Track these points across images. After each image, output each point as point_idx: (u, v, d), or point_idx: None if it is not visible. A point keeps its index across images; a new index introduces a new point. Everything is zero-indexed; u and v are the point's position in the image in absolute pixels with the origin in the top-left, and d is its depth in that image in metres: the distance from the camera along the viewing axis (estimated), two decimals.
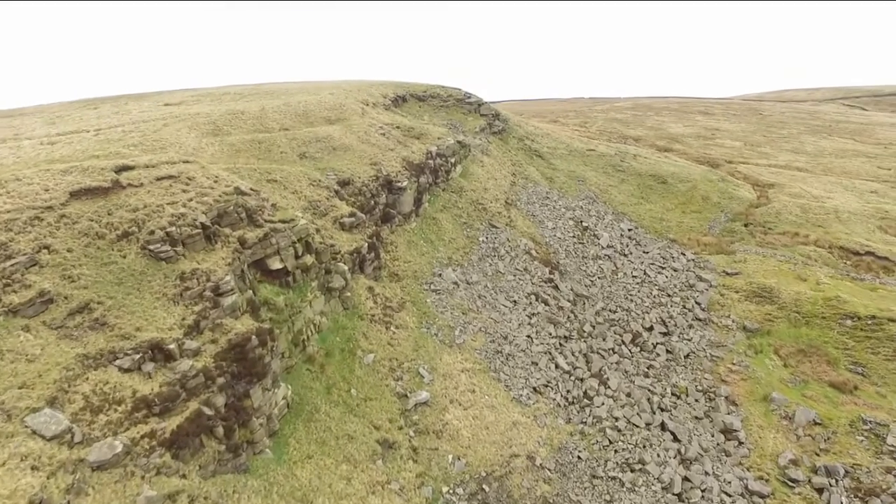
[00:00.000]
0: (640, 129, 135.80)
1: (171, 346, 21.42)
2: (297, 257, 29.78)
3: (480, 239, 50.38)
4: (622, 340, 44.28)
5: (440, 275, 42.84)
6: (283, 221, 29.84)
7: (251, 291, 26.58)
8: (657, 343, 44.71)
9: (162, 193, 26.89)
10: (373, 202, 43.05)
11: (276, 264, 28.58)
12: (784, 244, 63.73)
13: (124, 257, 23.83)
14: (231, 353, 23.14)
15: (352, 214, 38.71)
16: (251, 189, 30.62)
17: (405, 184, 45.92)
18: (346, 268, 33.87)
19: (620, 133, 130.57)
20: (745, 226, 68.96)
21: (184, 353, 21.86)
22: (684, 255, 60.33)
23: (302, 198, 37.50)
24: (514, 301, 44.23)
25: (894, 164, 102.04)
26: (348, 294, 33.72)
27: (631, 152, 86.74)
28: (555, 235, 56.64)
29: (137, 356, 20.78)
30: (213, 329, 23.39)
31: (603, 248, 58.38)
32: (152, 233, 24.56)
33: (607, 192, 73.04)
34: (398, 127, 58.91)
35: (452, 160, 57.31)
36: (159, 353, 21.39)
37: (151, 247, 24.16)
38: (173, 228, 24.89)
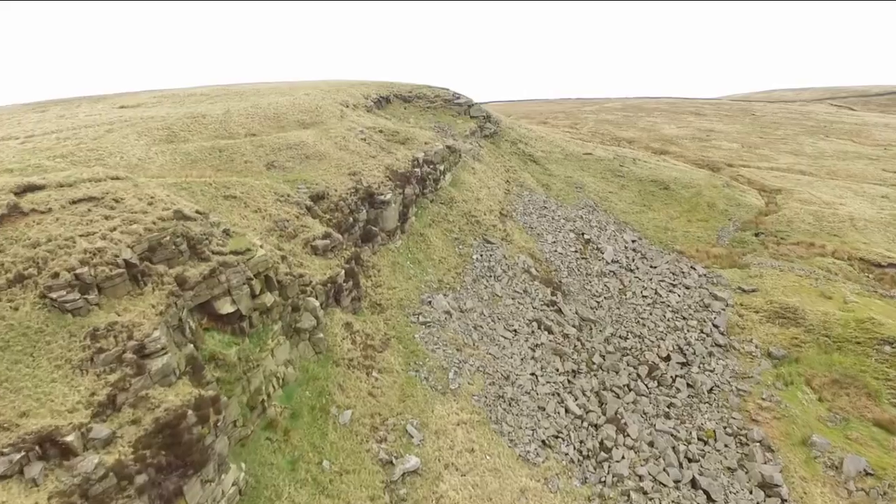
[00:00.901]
0: (632, 131, 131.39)
1: (70, 438, 15.68)
2: (254, 296, 24.05)
3: (474, 257, 44.86)
4: (637, 374, 38.96)
5: (430, 302, 37.21)
6: (238, 252, 24.08)
7: (192, 346, 20.81)
8: (676, 376, 39.44)
9: (75, 222, 21.01)
10: (351, 219, 37.35)
11: (226, 307, 22.83)
12: (800, 256, 58.92)
13: (15, 310, 18.03)
14: (158, 438, 17.42)
15: (326, 235, 32.99)
16: (197, 212, 24.81)
17: (389, 196, 40.29)
18: (317, 303, 28.16)
19: (612, 135, 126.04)
20: (756, 235, 64.11)
21: (89, 446, 16.15)
22: (695, 269, 55.23)
23: (266, 217, 31.71)
24: (515, 330, 38.73)
25: None
26: (320, 335, 27.98)
27: (630, 156, 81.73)
28: (555, 250, 51.26)
29: (18, 455, 15.05)
30: (135, 405, 17.65)
31: (607, 262, 53.11)
32: (56, 276, 18.70)
33: (607, 200, 67.87)
34: (381, 131, 53.24)
35: (441, 168, 51.77)
36: (52, 448, 15.66)
37: (54, 295, 18.34)
38: (86, 269, 19.03)
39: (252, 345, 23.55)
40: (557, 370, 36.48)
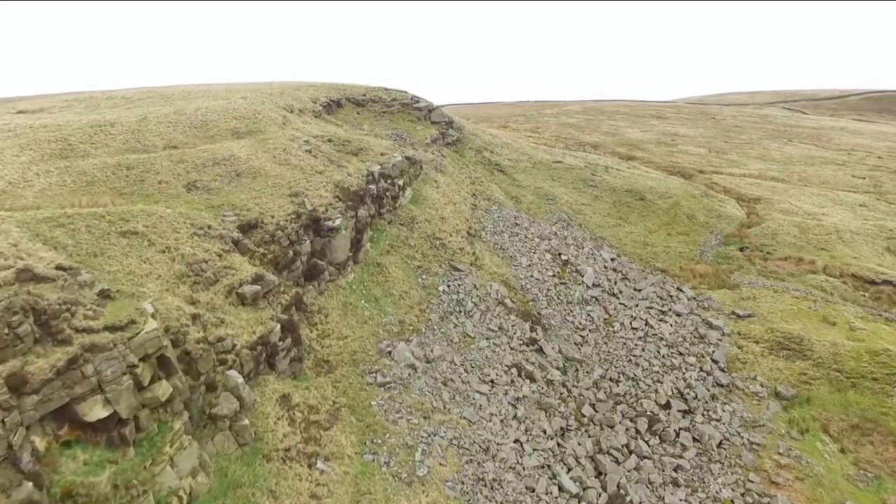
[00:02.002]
0: (596, 135, 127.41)
1: None
2: (141, 388, 17.05)
3: (441, 288, 38.40)
4: (636, 430, 33.10)
5: (390, 352, 30.55)
6: (116, 327, 17.00)
7: (33, 482, 13.75)
8: (681, 429, 33.77)
9: None
10: (292, 252, 30.35)
11: (96, 411, 15.79)
12: (790, 273, 54.54)
13: None
14: None
15: (257, 278, 26.02)
16: (59, 268, 17.64)
17: (338, 222, 33.44)
18: (240, 379, 21.20)
19: (576, 139, 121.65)
20: (741, 250, 59.59)
21: None
22: (682, 291, 50.06)
23: (177, 259, 24.53)
24: (492, 381, 32.42)
25: (867, 172, 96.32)
26: (245, 422, 20.98)
27: (601, 164, 76.61)
28: (531, 275, 45.22)
29: None
30: None
31: (588, 287, 47.37)
32: None
33: (581, 213, 62.37)
34: (330, 140, 46.30)
35: (400, 182, 45.15)
36: None
37: None
38: None
39: (139, 458, 16.53)
40: (545, 432, 30.31)
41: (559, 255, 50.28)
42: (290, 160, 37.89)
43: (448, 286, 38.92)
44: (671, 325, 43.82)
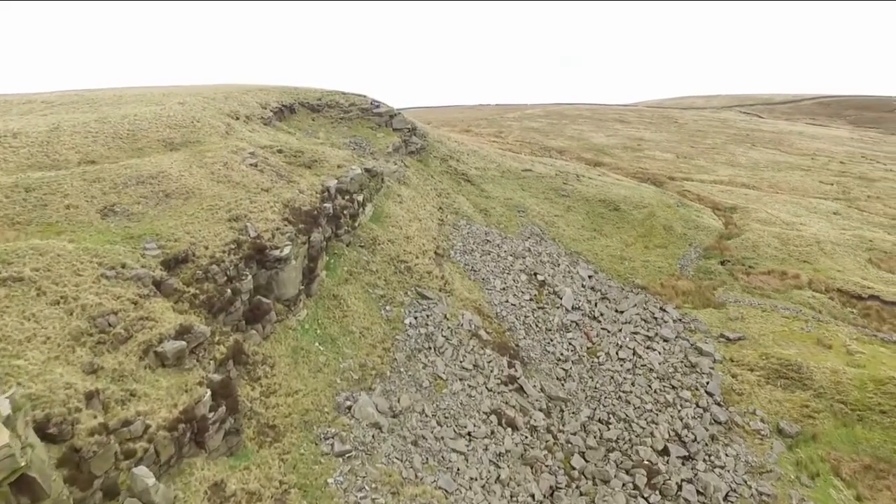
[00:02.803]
0: (560, 140, 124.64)
1: None
2: None
3: (407, 321, 33.75)
4: (634, 484, 29.01)
5: (349, 407, 25.73)
6: None
7: None
8: (683, 480, 29.83)
9: None
10: (230, 291, 25.25)
11: None
12: (775, 288, 51.73)
13: None
14: None
15: (183, 331, 20.92)
16: None
17: (287, 250, 28.46)
18: (150, 481, 16.10)
19: (541, 144, 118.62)
20: (722, 264, 56.61)
21: None
22: (666, 311, 46.60)
23: (75, 312, 19.28)
24: (469, 434, 27.94)
25: (833, 178, 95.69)
26: None
27: (572, 172, 73.04)
28: (506, 300, 40.96)
29: None
30: None
31: (568, 310, 43.40)
32: None
33: (554, 226, 58.52)
34: (281, 151, 41.19)
35: (360, 198, 40.32)
36: None
37: None
38: None
39: None
40: (533, 496, 25.99)
41: (535, 274, 46.18)
42: (231, 176, 32.69)
43: (415, 318, 34.30)
44: (659, 353, 40.11)
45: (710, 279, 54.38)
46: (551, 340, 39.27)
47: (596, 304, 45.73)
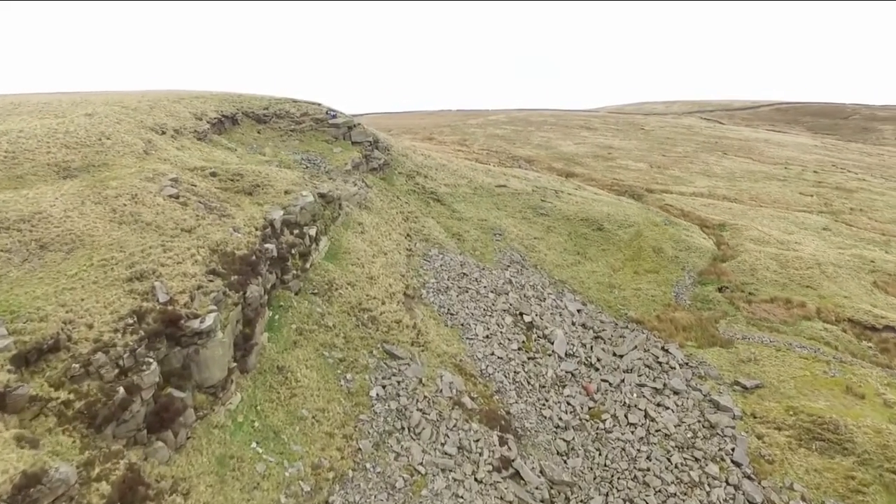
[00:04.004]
0: (528, 148, 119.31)
1: None
2: None
3: (373, 393, 26.67)
4: None
5: None
6: None
7: None
8: None
9: None
10: (122, 390, 17.69)
11: None
12: (783, 320, 46.55)
13: None
14: None
15: (28, 482, 13.45)
16: None
17: (211, 319, 21.00)
18: None
19: (508, 152, 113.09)
20: (720, 290, 51.22)
21: None
22: (668, 352, 40.76)
23: None
24: None
25: (811, 188, 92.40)
26: None
27: (550, 187, 66.95)
28: (491, 353, 34.22)
29: None
30: None
31: (561, 358, 37.03)
32: None
33: (535, 250, 52.23)
34: (214, 174, 33.64)
35: (312, 232, 33.07)
36: None
37: None
38: None
39: None
40: None
41: (520, 314, 39.62)
42: (140, 214, 25.07)
43: (383, 387, 27.26)
44: (673, 412, 33.98)
45: (709, 309, 48.87)
46: (546, 401, 32.70)
47: (591, 348, 39.48)
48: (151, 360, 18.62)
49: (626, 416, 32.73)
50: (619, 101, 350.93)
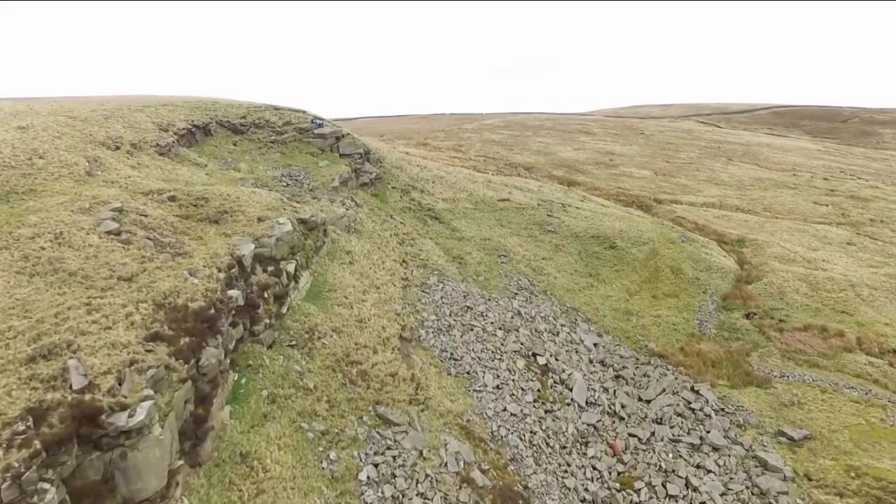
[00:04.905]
0: (526, 154, 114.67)
1: None
2: None
3: (363, 476, 21.40)
4: None
5: None
6: None
7: None
8: None
9: None
10: None
11: None
12: (821, 352, 41.75)
13: None
14: None
15: None
16: None
17: (143, 412, 15.57)
18: None
19: (506, 159, 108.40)
20: (748, 317, 46.36)
21: None
22: (699, 393, 35.83)
23: None
24: None
25: (825, 198, 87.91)
26: None
27: (557, 201, 61.91)
28: (503, 409, 29.01)
29: None
30: None
31: (582, 408, 31.95)
32: None
33: (544, 273, 47.21)
34: (174, 198, 28.35)
35: (291, 267, 27.83)
36: None
37: None
38: None
39: None
40: None
41: (533, 356, 34.49)
42: (63, 261, 19.71)
43: (376, 466, 22.02)
44: (715, 476, 28.90)
45: (737, 339, 44.02)
46: (569, 466, 27.56)
47: (615, 393, 34.43)
48: (48, 487, 13.28)
49: (663, 486, 27.60)
50: (614, 104, 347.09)
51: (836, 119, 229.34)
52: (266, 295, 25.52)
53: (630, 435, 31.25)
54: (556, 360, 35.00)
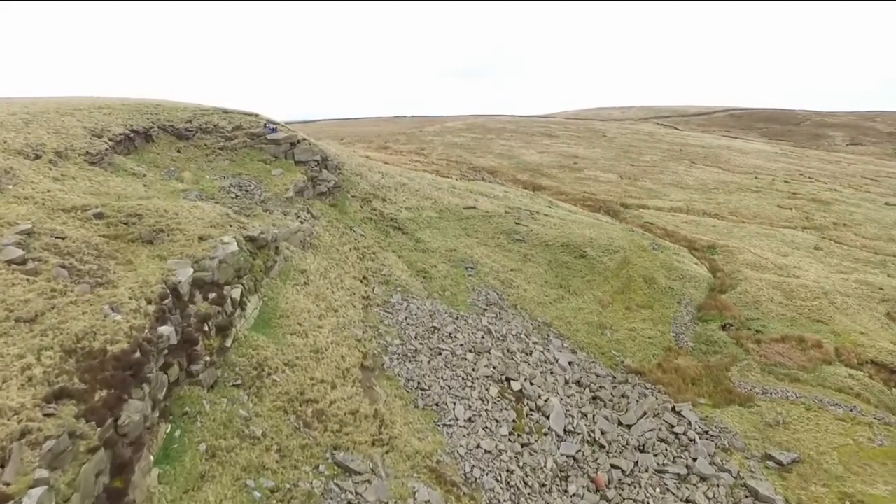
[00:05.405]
0: (490, 157, 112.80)
1: None
2: None
3: None
4: None
5: None
6: None
7: None
8: None
9: None
10: None
11: None
12: (800, 365, 40.48)
13: None
14: None
15: None
16: None
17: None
18: None
19: (469, 163, 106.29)
20: (724, 328, 44.91)
21: None
22: (681, 415, 34.02)
23: None
24: None
25: (787, 201, 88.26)
26: None
27: (525, 208, 59.69)
28: (476, 444, 26.32)
29: None
30: None
31: (560, 437, 29.55)
32: None
33: (513, 285, 44.84)
34: (100, 215, 24.86)
35: (237, 293, 24.63)
36: None
37: None
38: None
39: None
40: None
41: (507, 381, 31.95)
42: None
43: None
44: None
45: (715, 353, 42.46)
46: None
47: (594, 418, 32.12)
48: None
49: None
50: (574, 107, 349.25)
51: (790, 122, 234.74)
52: (207, 327, 22.27)
53: (613, 466, 28.92)
54: (531, 384, 32.53)
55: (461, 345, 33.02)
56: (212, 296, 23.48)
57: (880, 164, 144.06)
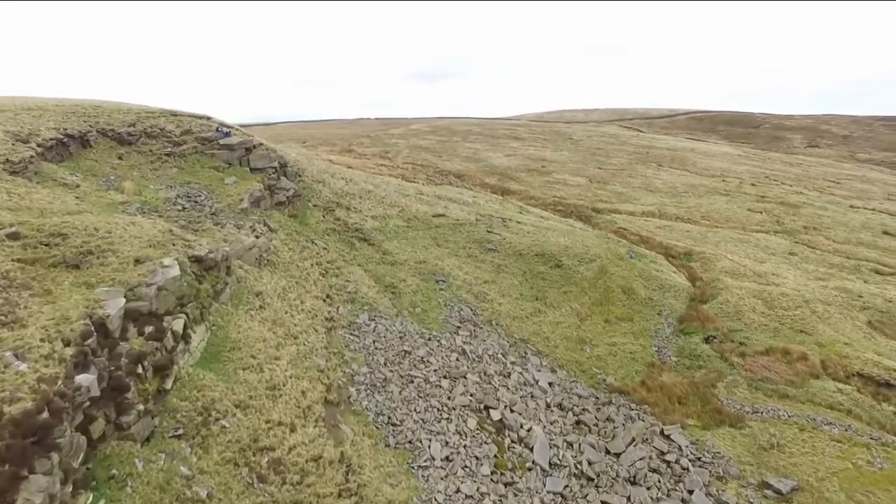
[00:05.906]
0: (456, 161, 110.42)
1: None
2: None
3: None
4: None
5: None
6: None
7: None
8: None
9: None
10: None
11: None
12: (788, 379, 38.84)
13: None
14: None
15: None
16: None
17: None
18: None
19: (435, 166, 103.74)
20: (707, 341, 43.09)
21: None
22: (671, 439, 31.86)
23: None
24: None
25: (757, 204, 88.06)
26: None
27: (496, 214, 57.13)
28: (455, 489, 23.44)
29: None
30: None
31: (546, 472, 26.97)
32: None
33: (487, 299, 42.23)
34: (16, 235, 21.35)
35: (179, 325, 21.29)
36: None
37: None
38: None
39: None
40: None
41: (486, 410, 29.24)
42: None
43: None
44: None
45: (699, 367, 40.59)
46: None
47: (580, 448, 29.63)
48: None
49: None
50: (539, 109, 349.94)
51: (750, 125, 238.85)
52: (142, 368, 18.95)
53: (601, 502, 26.47)
54: (512, 411, 29.90)
55: (435, 370, 30.16)
56: (149, 329, 20.13)
57: (839, 166, 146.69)
